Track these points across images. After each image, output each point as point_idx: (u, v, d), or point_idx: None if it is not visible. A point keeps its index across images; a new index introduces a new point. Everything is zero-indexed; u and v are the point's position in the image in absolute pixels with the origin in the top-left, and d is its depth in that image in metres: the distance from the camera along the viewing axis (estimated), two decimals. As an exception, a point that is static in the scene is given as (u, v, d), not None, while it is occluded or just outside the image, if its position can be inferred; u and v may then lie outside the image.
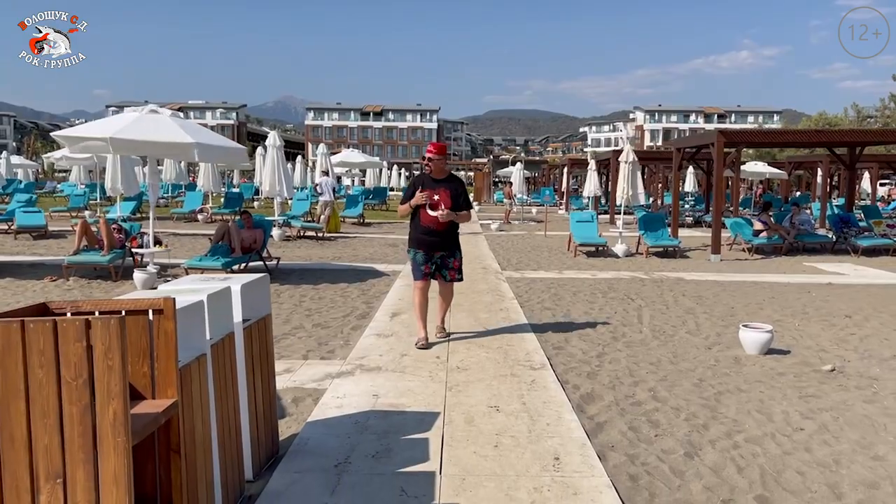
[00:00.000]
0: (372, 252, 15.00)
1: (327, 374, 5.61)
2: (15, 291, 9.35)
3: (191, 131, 9.64)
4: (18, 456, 2.16)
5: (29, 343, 2.13)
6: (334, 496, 3.43)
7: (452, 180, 6.59)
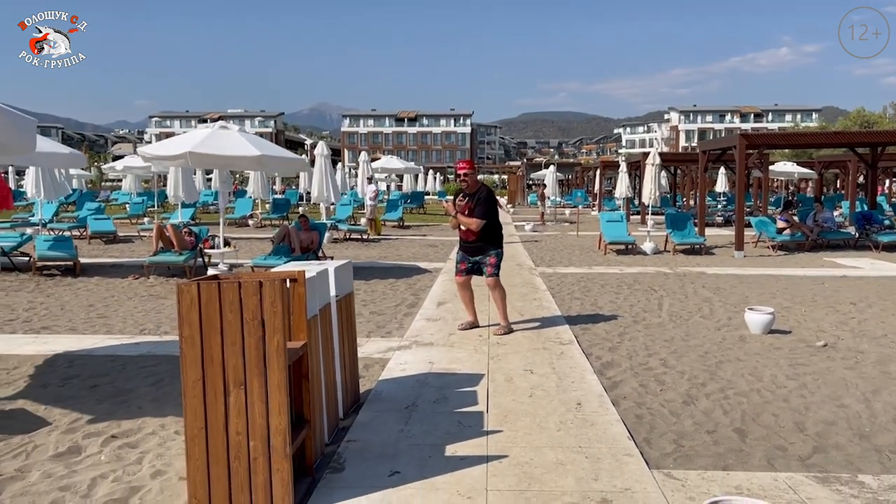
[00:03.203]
0: (414, 252, 16.14)
1: (389, 348, 6.73)
2: (107, 287, 10.67)
3: (257, 144, 10.88)
4: (216, 370, 3.29)
5: (223, 296, 3.26)
6: (408, 425, 4.53)
7: (478, 192, 7.34)
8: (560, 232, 22.67)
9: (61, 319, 8.26)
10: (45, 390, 5.45)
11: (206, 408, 3.30)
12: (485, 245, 7.34)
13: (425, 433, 4.39)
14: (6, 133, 4.59)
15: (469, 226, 7.26)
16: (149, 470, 3.93)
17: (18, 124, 4.74)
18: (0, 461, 4.06)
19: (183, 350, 3.30)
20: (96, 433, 4.52)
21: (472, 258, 7.43)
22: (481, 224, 7.20)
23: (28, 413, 4.93)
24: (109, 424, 4.68)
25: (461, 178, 7.42)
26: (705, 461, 4.02)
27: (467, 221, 7.26)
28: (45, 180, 16.91)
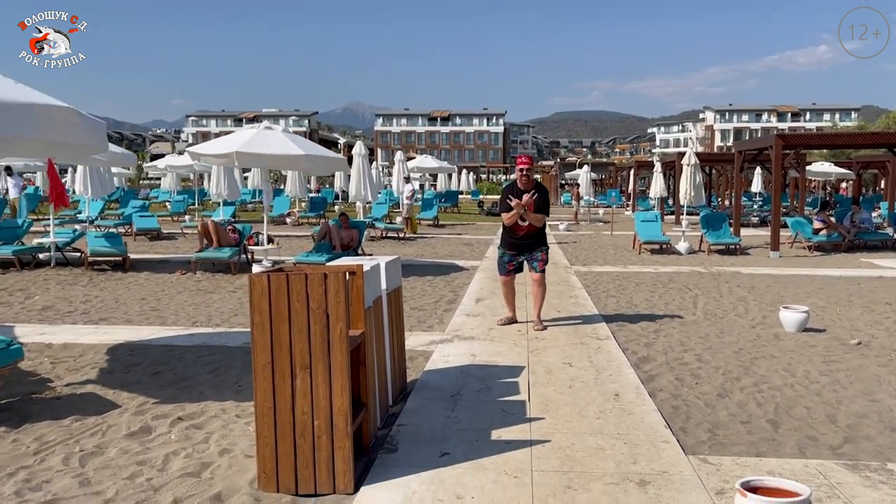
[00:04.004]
0: (450, 250, 16.41)
1: (431, 341, 7.00)
2: (156, 282, 11.11)
3: (300, 144, 11.25)
4: (284, 354, 3.59)
5: (291, 287, 3.55)
6: (454, 412, 4.80)
7: (538, 189, 7.53)
8: (594, 231, 22.77)
9: (117, 312, 8.68)
10: (111, 376, 5.82)
11: (274, 389, 3.60)
12: (537, 242, 7.51)
13: (471, 419, 4.65)
14: (83, 135, 4.95)
15: (536, 223, 7.40)
16: (216, 448, 4.25)
17: (92, 127, 5.10)
18: (79, 439, 4.41)
19: (254, 336, 3.60)
20: (163, 415, 4.85)
21: (520, 256, 7.54)
22: (544, 220, 7.45)
23: (98, 396, 5.29)
24: (175, 408, 5.01)
25: (523, 172, 7.49)
26: (739, 448, 4.21)
27: (536, 218, 7.38)
28: (92, 179, 17.53)
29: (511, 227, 7.46)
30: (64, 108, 4.68)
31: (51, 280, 11.01)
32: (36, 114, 4.50)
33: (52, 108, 4.61)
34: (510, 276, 7.67)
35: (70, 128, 4.82)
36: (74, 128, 4.86)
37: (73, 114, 4.80)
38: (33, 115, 4.48)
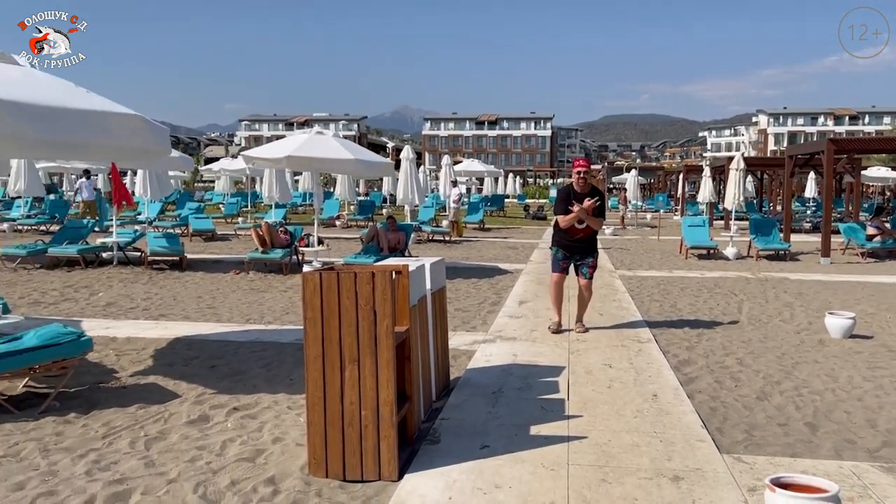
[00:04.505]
0: (495, 253, 16.57)
1: (474, 341, 7.18)
2: (211, 281, 11.55)
3: (351, 149, 11.56)
4: (334, 348, 3.82)
5: (341, 284, 3.78)
6: (495, 408, 4.97)
7: (595, 193, 7.45)
8: (641, 236, 22.64)
9: (175, 308, 9.10)
10: (171, 368, 6.16)
11: (324, 380, 3.84)
12: (591, 246, 7.52)
13: (511, 415, 4.82)
14: (149, 141, 5.29)
15: (596, 226, 7.45)
16: (269, 436, 4.51)
17: (157, 133, 5.44)
18: (144, 425, 4.72)
19: (306, 330, 3.84)
20: (220, 405, 5.14)
21: (574, 257, 7.52)
22: (601, 224, 7.52)
23: (160, 387, 5.62)
24: (230, 399, 5.30)
25: (580, 175, 7.45)
26: (774, 449, 4.29)
27: (596, 222, 7.41)
28: (151, 181, 18.23)
29: (567, 229, 7.43)
30: (132, 116, 5.02)
31: (113, 278, 11.55)
32: (107, 121, 4.84)
33: (122, 116, 4.95)
34: (563, 273, 7.58)
35: (137, 134, 5.16)
36: (141, 134, 5.20)
37: (140, 120, 5.14)
38: (105, 122, 4.82)
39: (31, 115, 4.50)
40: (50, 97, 4.76)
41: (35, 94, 4.71)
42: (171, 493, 3.65)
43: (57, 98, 4.77)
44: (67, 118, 4.63)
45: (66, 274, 11.88)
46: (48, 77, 5.26)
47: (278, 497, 3.63)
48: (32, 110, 4.53)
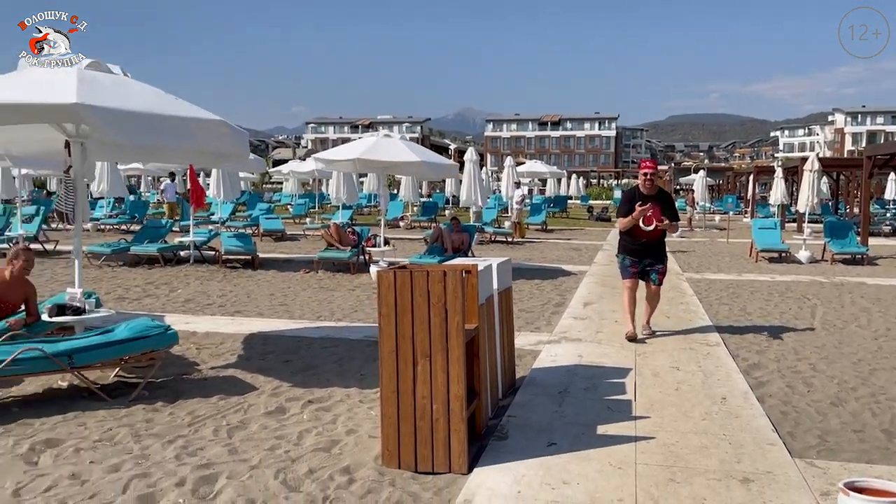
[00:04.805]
0: (558, 255, 16.53)
1: (539, 341, 7.24)
2: (283, 279, 11.92)
3: (417, 151, 11.77)
4: (406, 343, 3.96)
5: (414, 283, 3.93)
6: (561, 407, 5.04)
7: (663, 196, 7.30)
8: (709, 238, 22.18)
9: (249, 305, 9.45)
10: (248, 362, 6.44)
11: (398, 374, 3.98)
12: (659, 250, 7.31)
13: (577, 414, 4.88)
14: (231, 144, 5.56)
15: (672, 230, 7.36)
16: (343, 428, 4.69)
17: (238, 136, 5.71)
18: (225, 414, 4.97)
19: (381, 326, 4.00)
20: (295, 398, 5.37)
21: (643, 261, 7.28)
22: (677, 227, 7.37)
23: (239, 379, 5.89)
24: (305, 392, 5.52)
25: (647, 177, 7.25)
26: (849, 455, 4.23)
27: (672, 227, 7.23)
28: (224, 183, 18.89)
29: (631, 232, 7.24)
30: (218, 121, 5.30)
31: (190, 276, 12.06)
32: (195, 126, 5.12)
33: (208, 122, 5.23)
34: (635, 279, 7.33)
35: (221, 138, 5.44)
36: (225, 138, 5.47)
37: (224, 126, 5.42)
38: (193, 127, 5.10)
39: (123, 121, 4.81)
40: (141, 103, 5.07)
41: (127, 100, 5.02)
42: (254, 479, 3.86)
43: (148, 104, 5.08)
44: (158, 124, 4.93)
45: (146, 271, 12.46)
46: (138, 84, 5.58)
47: (354, 485, 3.79)
48: (126, 116, 4.84)
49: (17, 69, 5.56)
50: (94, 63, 5.44)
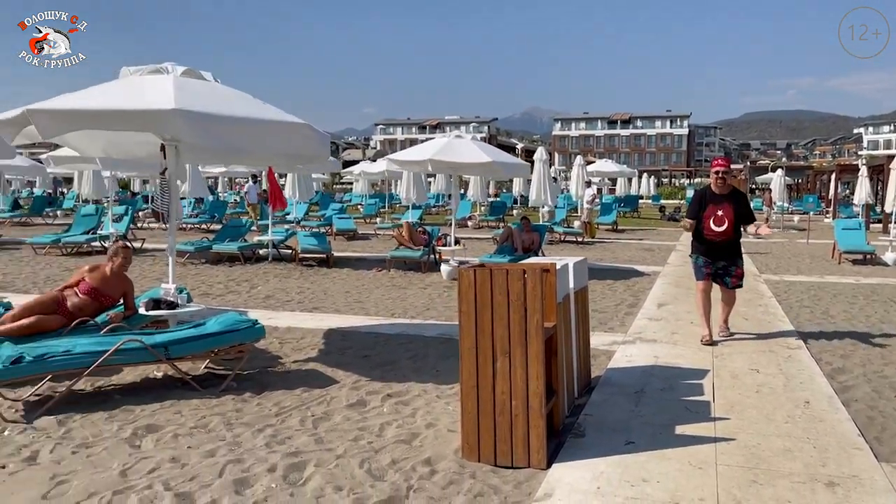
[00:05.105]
0: (630, 255, 16.34)
1: (613, 342, 7.23)
2: (356, 278, 12.20)
3: (487, 151, 11.86)
4: (486, 340, 4.06)
5: (494, 281, 4.02)
6: (638, 406, 5.05)
7: (736, 196, 7.08)
8: (787, 239, 21.48)
9: (326, 302, 9.73)
10: (328, 356, 6.66)
11: (477, 370, 4.09)
12: (734, 250, 7.10)
13: (654, 414, 4.88)
14: (314, 147, 5.77)
15: (766, 232, 7.26)
16: (422, 422, 4.83)
17: (321, 139, 5.92)
18: (309, 406, 5.18)
19: (461, 322, 4.11)
20: (375, 392, 5.54)
21: (716, 262, 7.10)
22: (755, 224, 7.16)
23: (320, 373, 6.11)
24: (383, 386, 5.69)
25: (718, 175, 7.05)
26: (941, 462, 4.10)
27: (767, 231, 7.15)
28: (299, 184, 19.45)
29: (702, 232, 7.04)
30: (302, 125, 5.52)
31: (269, 273, 12.48)
32: (281, 129, 5.35)
33: (294, 125, 5.46)
34: (708, 280, 7.15)
35: (305, 140, 5.66)
36: (308, 140, 5.69)
37: (308, 129, 5.64)
38: (279, 130, 5.34)
39: (217, 125, 5.07)
40: (232, 108, 5.33)
41: (220, 105, 5.29)
42: (340, 467, 4.03)
43: (238, 109, 5.33)
44: (248, 127, 5.18)
45: (228, 269, 12.96)
46: (229, 90, 5.86)
47: (436, 476, 3.92)
48: (218, 121, 5.10)
49: (118, 77, 5.91)
50: (189, 71, 5.74)
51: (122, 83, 5.76)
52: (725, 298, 7.36)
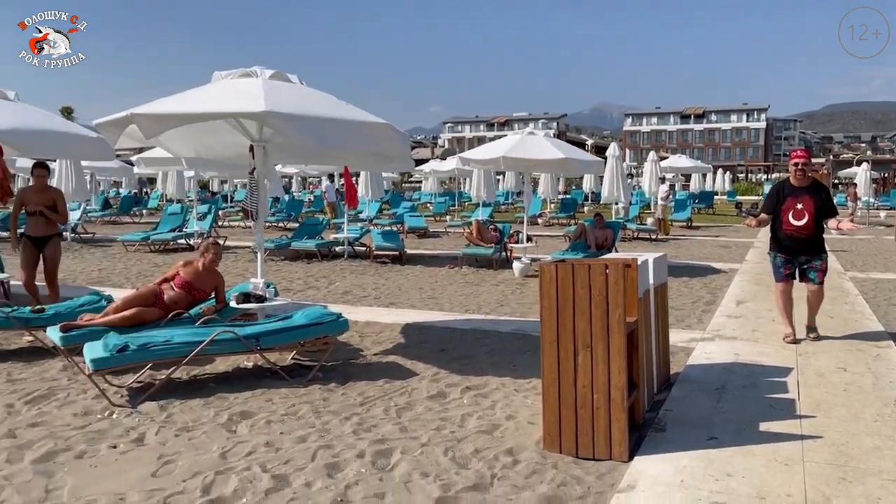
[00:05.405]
0: (706, 252, 16.01)
1: (691, 339, 7.16)
2: (429, 274, 12.39)
3: (561, 148, 11.85)
4: (567, 334, 4.13)
5: (576, 275, 4.08)
6: (719, 403, 5.01)
7: (817, 188, 6.79)
8: (873, 235, 20.60)
9: (401, 298, 9.94)
10: (407, 350, 6.84)
11: (559, 364, 4.16)
12: (816, 245, 6.81)
13: (737, 411, 4.84)
14: (396, 146, 5.95)
15: (851, 229, 6.93)
16: (502, 414, 4.93)
17: (402, 139, 6.09)
18: (392, 396, 5.35)
19: (542, 317, 4.19)
20: (454, 384, 5.67)
21: (797, 260, 6.87)
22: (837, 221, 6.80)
23: (400, 365, 6.29)
24: (462, 379, 5.81)
25: (798, 167, 6.75)
26: None
27: (852, 228, 6.83)
28: (371, 183, 19.82)
29: (780, 227, 6.86)
30: (384, 125, 5.69)
31: (345, 270, 12.81)
32: (365, 130, 5.55)
33: (376, 125, 5.64)
34: (787, 281, 6.92)
35: (387, 140, 5.84)
36: (390, 140, 5.87)
37: (389, 128, 5.81)
38: (363, 131, 5.53)
39: (305, 126, 5.30)
40: (319, 109, 5.55)
41: (308, 107, 5.52)
42: (425, 455, 4.18)
43: (324, 110, 5.55)
44: (334, 127, 5.39)
45: (306, 265, 13.37)
46: (314, 91, 6.10)
47: (518, 466, 4.01)
48: (306, 121, 5.33)
49: (210, 81, 6.23)
50: (277, 74, 6.00)
51: (215, 87, 6.07)
52: (811, 298, 6.95)
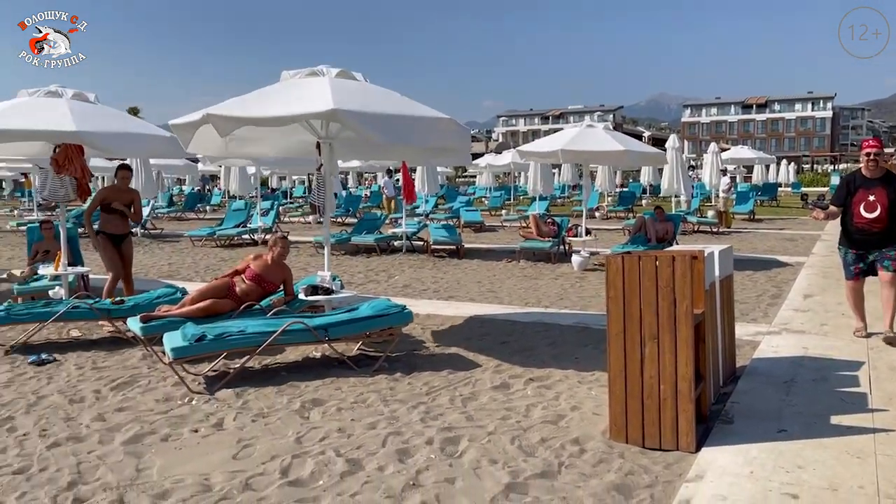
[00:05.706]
0: (770, 245, 15.65)
1: (757, 332, 7.06)
2: (487, 268, 12.46)
3: (621, 140, 11.76)
4: (634, 325, 4.16)
5: (642, 267, 4.11)
6: (788, 396, 4.96)
7: (890, 179, 6.46)
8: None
9: (460, 291, 10.05)
10: (469, 342, 6.94)
11: (625, 355, 4.19)
12: (889, 237, 6.43)
13: (806, 404, 4.78)
14: (458, 141, 6.04)
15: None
16: (566, 405, 4.98)
17: (463, 133, 6.18)
18: (456, 386, 5.46)
19: (609, 308, 4.23)
20: (517, 376, 5.74)
21: (868, 255, 6.57)
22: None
23: (462, 357, 6.39)
24: (524, 371, 5.88)
25: (870, 157, 6.46)
26: None
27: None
28: (427, 177, 19.99)
29: (850, 220, 6.62)
30: (448, 120, 5.79)
31: (404, 264, 13.00)
32: (430, 125, 5.65)
33: (440, 120, 5.74)
34: (858, 279, 6.65)
35: (450, 134, 5.94)
36: (453, 134, 5.97)
37: (452, 123, 5.91)
38: (429, 126, 5.64)
39: (372, 122, 5.44)
40: (384, 106, 5.68)
41: (373, 104, 5.66)
42: (492, 443, 4.27)
43: (390, 107, 5.68)
44: (399, 123, 5.51)
45: (365, 259, 13.61)
46: (378, 88, 6.23)
47: (585, 455, 4.07)
48: (373, 118, 5.46)
49: (279, 80, 6.43)
50: (342, 72, 6.16)
51: (283, 86, 6.27)
52: (885, 294, 6.54)
